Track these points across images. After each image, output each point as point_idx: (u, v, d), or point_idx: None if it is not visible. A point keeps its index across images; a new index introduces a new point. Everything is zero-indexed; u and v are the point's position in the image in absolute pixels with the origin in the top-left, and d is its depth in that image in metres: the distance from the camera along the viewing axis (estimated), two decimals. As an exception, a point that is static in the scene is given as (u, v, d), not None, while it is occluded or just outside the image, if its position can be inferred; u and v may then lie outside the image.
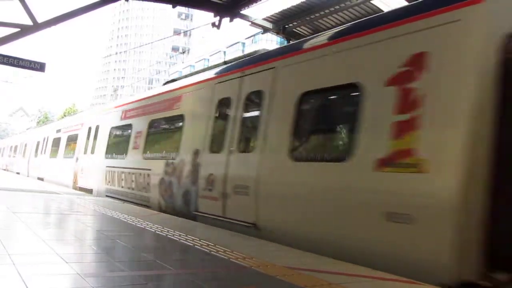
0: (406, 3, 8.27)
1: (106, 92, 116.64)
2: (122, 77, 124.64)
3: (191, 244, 4.32)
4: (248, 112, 6.33)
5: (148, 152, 8.89)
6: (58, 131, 16.77)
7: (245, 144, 6.21)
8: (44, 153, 18.14)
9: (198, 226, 5.88)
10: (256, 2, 10.56)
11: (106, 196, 10.33)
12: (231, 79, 6.72)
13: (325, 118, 5.39)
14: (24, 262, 3.06)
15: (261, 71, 6.14)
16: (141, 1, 12.28)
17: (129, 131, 9.97)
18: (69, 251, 3.83)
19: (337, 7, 9.71)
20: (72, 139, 14.48)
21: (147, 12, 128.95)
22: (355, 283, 3.19)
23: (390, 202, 3.85)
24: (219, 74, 7.35)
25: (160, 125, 9.10)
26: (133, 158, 9.36)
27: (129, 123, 10.14)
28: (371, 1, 9.19)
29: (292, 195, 5.01)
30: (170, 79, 11.91)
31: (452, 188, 3.44)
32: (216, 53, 73.20)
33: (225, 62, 8.67)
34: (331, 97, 5.43)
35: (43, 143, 18.71)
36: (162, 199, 7.87)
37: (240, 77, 6.52)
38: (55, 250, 3.56)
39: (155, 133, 9.18)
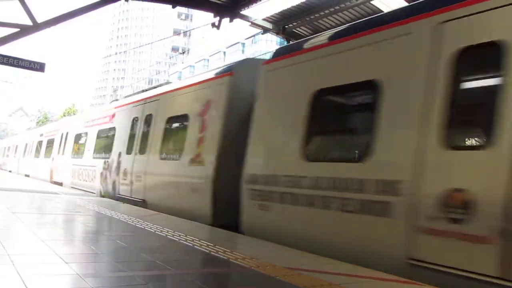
0: (406, 4, 8.28)
1: (106, 92, 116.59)
2: (122, 77, 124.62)
3: (191, 245, 4.32)
4: (143, 126, 9.26)
5: (95, 153, 12.00)
6: (41, 135, 19.33)
7: (142, 149, 9.01)
8: (30, 153, 20.72)
9: (198, 226, 5.87)
10: (256, 3, 10.55)
11: (71, 187, 13.01)
12: (140, 104, 9.82)
13: (175, 133, 8.67)
14: (24, 262, 3.06)
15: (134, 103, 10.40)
16: (141, 1, 12.27)
17: (85, 137, 13.02)
18: (68, 251, 3.82)
19: (337, 7, 9.71)
20: (50, 143, 17.21)
21: (147, 13, 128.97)
22: (355, 283, 3.19)
23: (193, 181, 6.94)
24: (134, 101, 10.47)
25: (103, 134, 11.87)
26: (87, 158, 12.39)
27: (85, 131, 13.28)
28: (371, 2, 9.19)
29: (158, 181, 8.20)
30: (127, 94, 14.96)
31: (211, 173, 6.46)
32: (216, 53, 73.25)
33: (143, 90, 12.16)
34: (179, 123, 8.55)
35: (30, 145, 21.27)
36: (101, 187, 10.94)
37: (143, 104, 9.68)
38: (55, 250, 3.56)
39: (100, 139, 11.98)
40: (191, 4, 11.91)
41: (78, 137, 13.99)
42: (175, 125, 8.57)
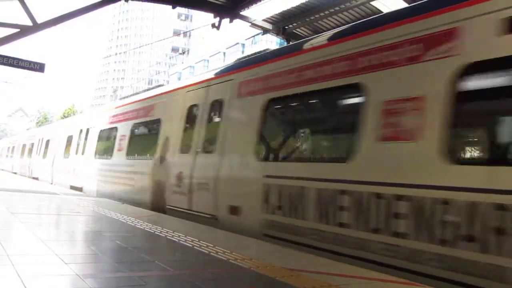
0: (406, 4, 8.29)
1: (106, 93, 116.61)
2: (121, 78, 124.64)
3: (190, 245, 4.32)
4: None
5: (66, 154, 14.59)
6: (48, 133, 20.44)
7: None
8: (18, 154, 24.76)
9: (198, 227, 5.86)
10: (256, 3, 10.56)
11: (51, 184, 15.10)
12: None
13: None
14: (23, 263, 3.06)
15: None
16: (140, 2, 12.28)
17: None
18: (68, 251, 3.82)
19: (337, 8, 9.72)
20: (30, 146, 21.04)
21: (147, 13, 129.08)
22: (355, 284, 3.19)
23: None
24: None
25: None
26: (60, 158, 14.78)
27: (48, 138, 17.25)
28: (371, 2, 9.20)
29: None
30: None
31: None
32: (216, 54, 73.24)
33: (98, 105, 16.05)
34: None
35: (17, 148, 25.58)
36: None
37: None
38: (54, 251, 3.55)
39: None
40: (191, 4, 11.92)
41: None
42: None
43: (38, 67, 12.00)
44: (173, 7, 11.40)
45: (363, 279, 3.34)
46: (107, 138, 11.60)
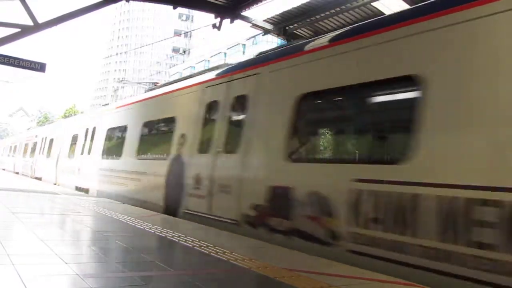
0: (406, 5, 8.29)
1: (107, 93, 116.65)
2: (122, 78, 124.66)
3: (191, 246, 4.32)
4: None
5: (48, 154, 17.22)
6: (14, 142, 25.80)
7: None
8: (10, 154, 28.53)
9: (198, 227, 5.86)
10: (257, 4, 10.57)
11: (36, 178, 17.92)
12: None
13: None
14: (24, 263, 3.06)
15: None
16: (142, 2, 12.30)
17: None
18: (68, 251, 3.82)
19: (338, 9, 9.72)
20: (33, 145, 21.72)
21: (148, 13, 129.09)
22: (355, 285, 3.19)
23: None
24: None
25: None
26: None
27: (34, 141, 20.42)
28: (372, 3, 9.20)
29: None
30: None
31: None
32: (216, 54, 73.23)
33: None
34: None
35: (11, 148, 28.50)
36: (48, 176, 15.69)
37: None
38: (54, 251, 3.56)
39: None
40: (192, 5, 11.94)
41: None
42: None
43: (39, 67, 12.01)
44: (174, 8, 11.42)
45: (363, 280, 3.34)
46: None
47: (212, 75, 7.69)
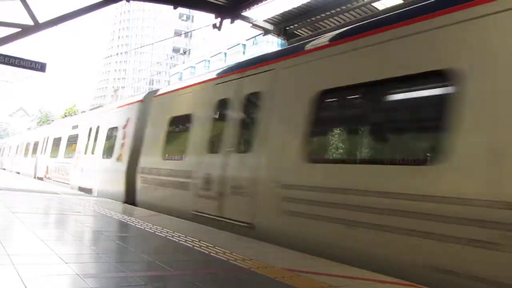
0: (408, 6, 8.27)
1: (107, 93, 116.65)
2: (123, 78, 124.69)
3: (191, 246, 4.32)
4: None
5: (41, 154, 19.03)
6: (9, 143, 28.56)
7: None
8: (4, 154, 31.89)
9: (198, 227, 5.86)
10: (257, 4, 10.57)
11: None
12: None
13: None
14: (24, 263, 3.06)
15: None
16: (142, 2, 12.30)
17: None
18: (68, 251, 3.82)
19: (338, 9, 9.72)
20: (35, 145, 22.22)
21: (148, 13, 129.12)
22: (355, 285, 3.19)
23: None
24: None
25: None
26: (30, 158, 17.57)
27: (27, 142, 23.18)
28: (372, 4, 9.20)
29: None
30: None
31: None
32: (217, 54, 73.26)
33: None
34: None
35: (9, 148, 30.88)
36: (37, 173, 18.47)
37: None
38: (55, 251, 3.56)
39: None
40: (193, 5, 11.94)
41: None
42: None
43: (39, 67, 12.01)
44: (175, 8, 11.42)
45: (362, 280, 3.34)
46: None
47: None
